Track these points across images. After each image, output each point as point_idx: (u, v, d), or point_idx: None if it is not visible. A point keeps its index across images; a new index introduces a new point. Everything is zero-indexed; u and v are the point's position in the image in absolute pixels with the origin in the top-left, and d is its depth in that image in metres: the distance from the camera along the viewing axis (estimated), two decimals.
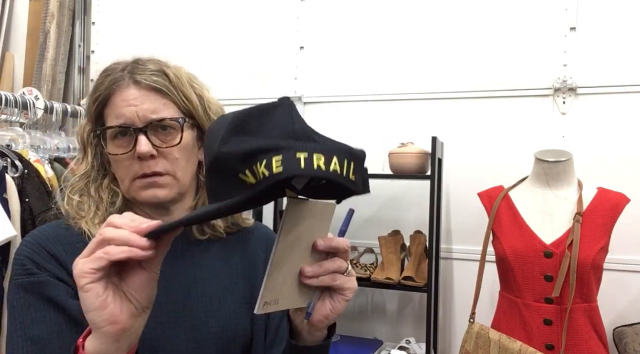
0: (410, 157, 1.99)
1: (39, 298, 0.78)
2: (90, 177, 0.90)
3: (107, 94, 0.86)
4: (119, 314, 0.62)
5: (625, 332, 1.84)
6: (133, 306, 0.64)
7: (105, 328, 0.62)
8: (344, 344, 2.12)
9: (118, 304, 0.63)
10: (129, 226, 0.62)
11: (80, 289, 0.61)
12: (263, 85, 2.49)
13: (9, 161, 1.61)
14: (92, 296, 0.61)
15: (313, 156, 0.57)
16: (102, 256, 0.61)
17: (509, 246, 1.65)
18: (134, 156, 0.84)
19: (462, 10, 2.22)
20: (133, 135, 0.84)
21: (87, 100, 0.90)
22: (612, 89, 2.02)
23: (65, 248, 0.82)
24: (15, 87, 2.87)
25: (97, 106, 0.87)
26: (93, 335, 0.63)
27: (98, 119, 0.88)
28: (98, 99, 0.87)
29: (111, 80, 0.86)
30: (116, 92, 0.85)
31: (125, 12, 2.78)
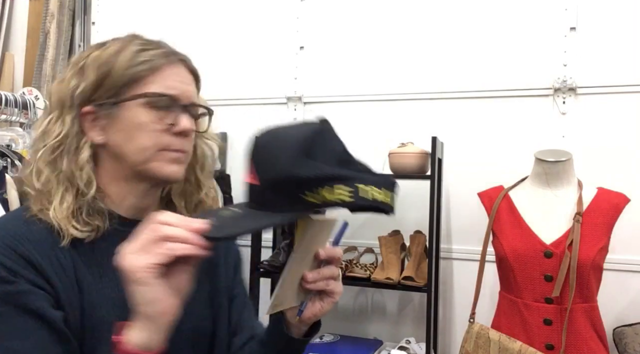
0: (410, 157, 1.99)
1: (16, 310, 0.73)
2: (64, 145, 0.81)
3: (158, 65, 0.83)
4: (169, 307, 0.68)
5: (625, 332, 1.84)
6: (178, 299, 0.69)
7: (158, 319, 0.67)
8: (344, 344, 2.12)
9: (168, 297, 0.67)
10: (186, 225, 0.66)
11: (136, 282, 0.65)
12: (263, 85, 2.49)
13: (9, 161, 1.61)
14: (148, 290, 0.65)
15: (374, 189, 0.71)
16: (166, 253, 0.65)
17: (509, 246, 1.65)
18: (171, 129, 0.82)
19: (462, 11, 2.22)
20: (176, 110, 0.83)
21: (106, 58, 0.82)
22: (612, 89, 2.02)
23: (36, 248, 0.76)
24: (15, 87, 2.86)
25: (140, 72, 0.81)
26: (141, 328, 0.67)
27: (129, 84, 0.81)
28: (143, 64, 0.82)
29: (162, 53, 0.85)
30: (167, 66, 0.85)
31: (125, 12, 2.78)
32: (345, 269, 2.07)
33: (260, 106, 2.48)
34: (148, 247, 0.65)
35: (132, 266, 0.65)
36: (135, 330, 0.67)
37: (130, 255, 0.66)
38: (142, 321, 0.67)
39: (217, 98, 2.50)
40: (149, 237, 0.66)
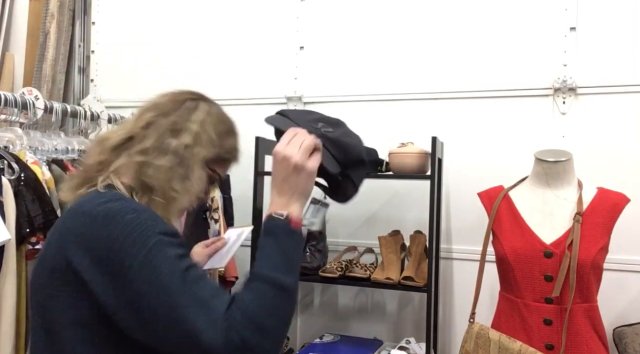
0: (410, 157, 1.99)
1: (187, 252, 0.92)
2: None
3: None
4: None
5: (625, 332, 1.84)
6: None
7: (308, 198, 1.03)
8: (344, 344, 2.12)
9: None
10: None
11: (313, 177, 1.00)
12: (263, 85, 2.49)
13: (5, 163, 1.60)
14: (314, 181, 1.02)
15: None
16: (319, 159, 1.01)
17: (509, 246, 1.65)
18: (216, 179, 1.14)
19: (462, 10, 2.22)
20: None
21: (235, 137, 1.15)
22: (612, 89, 2.02)
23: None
24: (15, 87, 2.86)
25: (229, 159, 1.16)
26: (301, 205, 1.00)
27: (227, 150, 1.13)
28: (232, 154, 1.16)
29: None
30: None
31: (125, 12, 2.78)
32: (345, 269, 2.07)
33: (260, 106, 2.47)
34: (309, 154, 0.99)
35: (314, 167, 0.99)
36: (296, 208, 0.98)
37: (308, 160, 0.98)
38: (302, 201, 0.99)
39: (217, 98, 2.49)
40: (309, 143, 0.99)
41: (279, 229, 0.95)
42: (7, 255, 1.51)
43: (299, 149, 0.98)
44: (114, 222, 0.87)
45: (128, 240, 0.85)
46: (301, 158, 0.97)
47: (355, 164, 1.13)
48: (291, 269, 0.92)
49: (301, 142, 0.99)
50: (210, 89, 2.79)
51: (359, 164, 1.14)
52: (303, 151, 0.98)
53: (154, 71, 2.61)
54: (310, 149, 0.99)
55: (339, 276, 2.04)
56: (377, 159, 2.06)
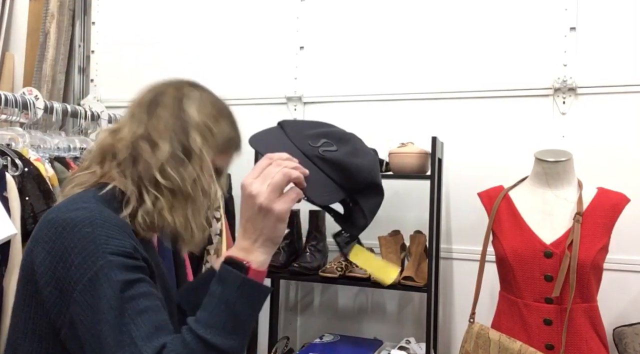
0: (410, 157, 1.99)
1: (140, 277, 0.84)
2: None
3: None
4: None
5: (625, 332, 1.84)
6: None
7: (276, 247, 0.87)
8: (344, 344, 2.12)
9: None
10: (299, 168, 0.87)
11: (283, 222, 0.85)
12: (263, 85, 2.49)
13: (9, 160, 1.60)
14: (284, 225, 0.85)
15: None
16: (296, 197, 0.86)
17: (509, 246, 1.65)
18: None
19: (462, 10, 2.22)
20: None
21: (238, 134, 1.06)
22: (612, 89, 2.02)
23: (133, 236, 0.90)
24: (15, 87, 2.86)
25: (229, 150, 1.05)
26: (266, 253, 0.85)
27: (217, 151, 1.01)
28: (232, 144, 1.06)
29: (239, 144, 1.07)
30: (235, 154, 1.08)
31: (125, 12, 2.78)
32: (345, 269, 2.07)
33: (260, 105, 2.48)
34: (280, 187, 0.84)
35: (281, 210, 0.83)
36: (259, 255, 0.84)
37: (275, 203, 0.83)
38: (268, 248, 0.85)
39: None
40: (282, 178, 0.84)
41: (230, 279, 0.81)
42: (13, 250, 1.51)
43: (266, 187, 0.83)
44: (70, 235, 0.83)
45: (78, 258, 0.81)
46: (267, 198, 0.82)
47: (365, 190, 0.96)
48: (235, 330, 0.80)
49: (271, 178, 0.83)
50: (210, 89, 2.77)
51: (370, 189, 0.97)
52: (271, 190, 0.83)
53: (154, 71, 2.60)
54: (280, 186, 0.84)
55: (339, 276, 2.04)
56: (377, 159, 2.06)
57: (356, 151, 0.97)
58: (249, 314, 0.82)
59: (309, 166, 0.91)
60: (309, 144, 0.94)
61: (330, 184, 0.93)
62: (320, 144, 0.95)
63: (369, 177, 0.96)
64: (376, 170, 0.99)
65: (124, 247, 0.83)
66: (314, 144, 0.94)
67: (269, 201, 0.82)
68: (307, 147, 0.94)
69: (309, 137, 0.95)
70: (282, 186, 0.84)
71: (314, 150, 0.93)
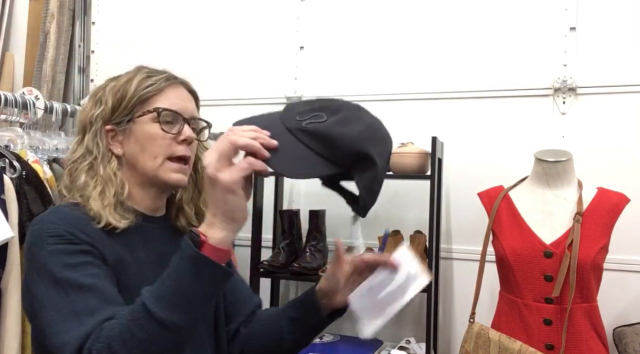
0: (410, 157, 1.99)
1: (83, 261, 0.86)
2: (97, 157, 0.99)
3: (163, 87, 1.01)
4: (247, 213, 0.82)
5: (625, 332, 1.84)
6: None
7: (241, 221, 0.81)
8: (344, 344, 2.12)
9: (246, 204, 0.81)
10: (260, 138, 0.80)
11: (232, 193, 0.78)
12: (263, 85, 2.49)
13: (7, 162, 1.60)
14: (239, 198, 0.79)
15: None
16: (248, 167, 0.79)
17: (509, 246, 1.65)
18: (177, 138, 0.99)
19: (462, 10, 2.22)
20: (180, 123, 1.00)
21: (121, 86, 1.01)
22: (612, 89, 2.02)
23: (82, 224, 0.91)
24: (15, 87, 2.86)
25: (148, 93, 0.99)
26: (223, 228, 0.80)
27: (140, 103, 0.99)
28: (150, 87, 1.00)
29: (165, 77, 1.02)
30: (170, 87, 1.02)
31: (125, 12, 2.78)
32: None
33: (260, 106, 2.47)
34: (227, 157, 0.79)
35: (228, 179, 0.77)
36: (217, 231, 0.80)
37: (223, 173, 0.77)
38: (225, 223, 0.80)
39: (218, 98, 2.50)
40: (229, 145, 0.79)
41: (184, 252, 0.79)
42: (10, 253, 1.51)
43: (214, 155, 0.79)
44: (29, 233, 0.90)
45: (30, 252, 0.88)
46: (213, 166, 0.78)
47: (357, 163, 0.83)
48: (181, 306, 0.77)
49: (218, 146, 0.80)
50: (210, 89, 2.78)
51: (361, 161, 0.83)
52: (217, 158, 0.78)
53: None
54: (225, 154, 0.79)
55: None
56: None
57: (346, 119, 0.85)
58: (198, 292, 0.78)
59: (286, 138, 0.82)
60: (296, 119, 0.85)
61: (311, 158, 0.82)
62: (308, 117, 0.85)
63: (354, 146, 0.82)
64: (367, 138, 0.83)
65: (65, 232, 0.87)
66: (301, 118, 0.85)
67: (215, 169, 0.78)
68: (292, 121, 0.85)
69: (301, 112, 0.87)
70: (227, 154, 0.78)
71: (298, 123, 0.84)
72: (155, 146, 0.98)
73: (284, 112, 0.89)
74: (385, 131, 0.90)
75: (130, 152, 1.00)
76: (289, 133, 0.84)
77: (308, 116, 0.85)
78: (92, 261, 0.86)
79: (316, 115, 0.85)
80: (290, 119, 0.85)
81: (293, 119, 0.85)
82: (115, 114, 1.00)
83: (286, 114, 0.88)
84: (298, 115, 0.86)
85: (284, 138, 0.82)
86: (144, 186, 1.01)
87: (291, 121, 0.85)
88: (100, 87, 1.05)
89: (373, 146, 0.84)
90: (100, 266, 0.87)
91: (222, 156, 0.78)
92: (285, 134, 0.83)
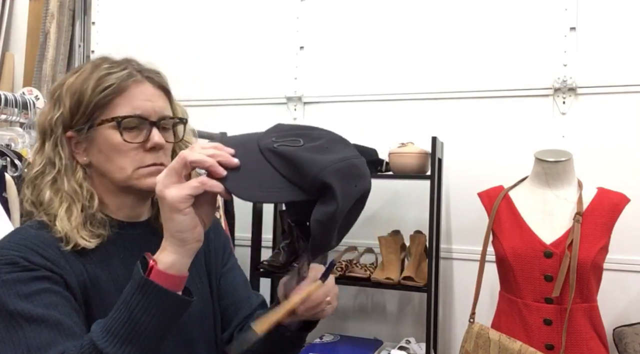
0: (410, 157, 1.99)
1: (39, 288, 0.78)
2: (60, 170, 0.89)
3: (123, 87, 0.88)
4: (200, 234, 0.75)
5: (625, 332, 1.84)
6: (203, 228, 0.76)
7: (193, 244, 0.75)
8: (344, 344, 2.12)
9: (198, 225, 0.75)
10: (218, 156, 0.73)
11: (179, 212, 0.72)
12: (263, 85, 2.49)
13: (8, 160, 1.61)
14: (189, 218, 0.73)
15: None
16: (198, 186, 0.72)
17: (509, 246, 1.65)
18: (144, 146, 0.88)
19: (462, 11, 2.22)
20: (146, 128, 0.89)
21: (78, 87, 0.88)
22: (612, 89, 2.02)
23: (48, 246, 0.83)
24: (15, 87, 2.86)
25: (106, 96, 0.87)
26: (173, 252, 0.74)
27: (99, 109, 0.88)
28: (108, 89, 0.87)
29: (125, 74, 0.89)
30: (132, 86, 0.89)
31: (125, 12, 2.78)
32: (345, 269, 2.07)
33: (260, 106, 2.48)
34: (178, 175, 0.72)
35: (174, 196, 0.71)
36: (167, 254, 0.74)
37: (171, 189, 0.71)
38: (175, 246, 0.74)
39: (218, 98, 2.50)
40: (179, 164, 0.72)
41: (134, 278, 0.73)
42: None
43: (164, 170, 0.74)
44: None
45: None
46: (162, 183, 0.73)
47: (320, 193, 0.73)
48: (132, 339, 0.72)
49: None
50: (210, 89, 2.78)
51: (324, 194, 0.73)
52: (166, 173, 0.73)
53: None
54: (174, 170, 0.73)
55: (339, 276, 2.04)
56: (377, 159, 2.06)
57: (322, 147, 0.76)
58: (150, 323, 0.72)
59: (253, 158, 0.75)
60: (272, 139, 0.77)
61: (277, 181, 0.74)
62: (286, 139, 0.77)
63: (320, 175, 0.71)
64: (338, 171, 0.73)
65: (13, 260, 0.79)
66: (277, 140, 0.77)
67: (162, 185, 0.72)
68: (267, 141, 0.77)
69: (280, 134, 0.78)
70: (177, 170, 0.72)
71: (271, 144, 0.76)
72: (120, 157, 0.88)
73: (265, 132, 0.80)
74: (365, 171, 0.79)
75: (96, 161, 0.90)
76: (259, 153, 0.76)
77: (286, 138, 0.77)
78: (49, 288, 0.79)
79: (294, 139, 0.77)
80: (265, 138, 0.78)
81: (269, 139, 0.77)
82: (74, 119, 0.88)
83: (266, 133, 0.80)
84: (276, 136, 0.78)
85: (251, 158, 0.75)
86: (118, 195, 0.91)
87: (266, 140, 0.77)
88: (58, 85, 0.92)
89: (341, 181, 0.73)
90: (60, 292, 0.80)
91: (171, 171, 0.73)
92: (254, 153, 0.76)
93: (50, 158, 0.89)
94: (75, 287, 0.83)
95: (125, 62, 0.92)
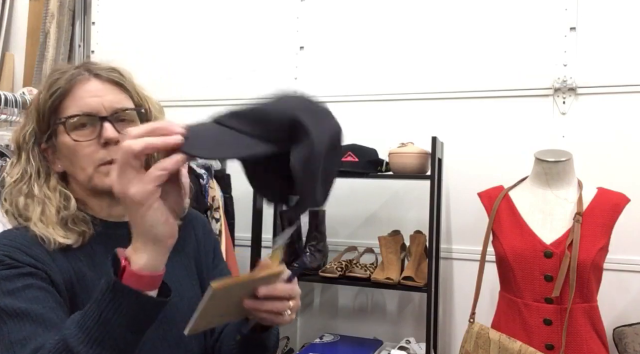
0: (410, 157, 1.99)
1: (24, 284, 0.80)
2: (32, 177, 0.92)
3: (67, 88, 0.90)
4: (173, 228, 0.71)
5: (625, 332, 1.84)
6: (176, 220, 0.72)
7: (164, 240, 0.70)
8: (344, 344, 2.12)
9: (170, 218, 0.70)
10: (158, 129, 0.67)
11: (148, 208, 0.67)
12: (263, 85, 2.49)
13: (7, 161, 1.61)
14: (158, 212, 0.68)
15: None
16: (162, 172, 0.66)
17: (509, 246, 1.65)
18: (99, 143, 0.89)
19: (462, 11, 2.22)
20: (97, 124, 0.89)
21: (38, 99, 0.92)
22: (612, 89, 2.02)
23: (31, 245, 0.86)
24: (15, 87, 2.86)
25: (55, 101, 0.90)
26: (147, 250, 0.69)
27: (52, 114, 0.90)
28: (56, 93, 0.89)
29: (69, 76, 0.91)
30: (77, 86, 0.90)
31: (125, 12, 2.78)
32: (345, 269, 2.07)
33: None
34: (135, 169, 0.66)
35: (139, 192, 0.66)
36: (140, 255, 0.70)
37: (131, 185, 0.66)
38: (148, 244, 0.69)
39: (218, 98, 2.50)
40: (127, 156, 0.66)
41: (106, 278, 0.71)
42: None
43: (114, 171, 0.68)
44: None
45: None
46: (118, 184, 0.67)
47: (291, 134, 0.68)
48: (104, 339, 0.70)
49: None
50: (210, 89, 2.78)
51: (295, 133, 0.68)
52: (120, 171, 0.67)
53: (154, 71, 2.61)
54: (123, 164, 0.66)
55: (339, 276, 2.04)
56: (377, 159, 2.06)
57: (280, 100, 0.73)
58: (122, 324, 0.70)
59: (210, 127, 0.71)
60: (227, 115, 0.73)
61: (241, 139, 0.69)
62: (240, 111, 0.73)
63: (287, 115, 0.68)
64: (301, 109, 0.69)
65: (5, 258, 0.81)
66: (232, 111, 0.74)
67: (121, 186, 0.67)
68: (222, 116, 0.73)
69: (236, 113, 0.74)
70: (128, 165, 0.66)
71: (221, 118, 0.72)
72: (78, 158, 0.89)
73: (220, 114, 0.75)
74: (332, 113, 0.74)
75: (66, 167, 0.93)
76: (216, 124, 0.71)
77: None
78: (33, 284, 0.80)
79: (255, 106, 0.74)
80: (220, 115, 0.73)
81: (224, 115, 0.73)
82: (41, 131, 0.92)
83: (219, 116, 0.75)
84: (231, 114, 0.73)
85: (207, 128, 0.70)
86: (94, 196, 0.93)
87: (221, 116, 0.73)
88: (32, 100, 0.97)
89: (310, 117, 0.68)
90: (44, 287, 0.81)
91: (122, 169, 0.66)
92: (210, 125, 0.71)
93: (25, 169, 0.92)
94: (60, 283, 0.84)
95: (79, 65, 0.94)
